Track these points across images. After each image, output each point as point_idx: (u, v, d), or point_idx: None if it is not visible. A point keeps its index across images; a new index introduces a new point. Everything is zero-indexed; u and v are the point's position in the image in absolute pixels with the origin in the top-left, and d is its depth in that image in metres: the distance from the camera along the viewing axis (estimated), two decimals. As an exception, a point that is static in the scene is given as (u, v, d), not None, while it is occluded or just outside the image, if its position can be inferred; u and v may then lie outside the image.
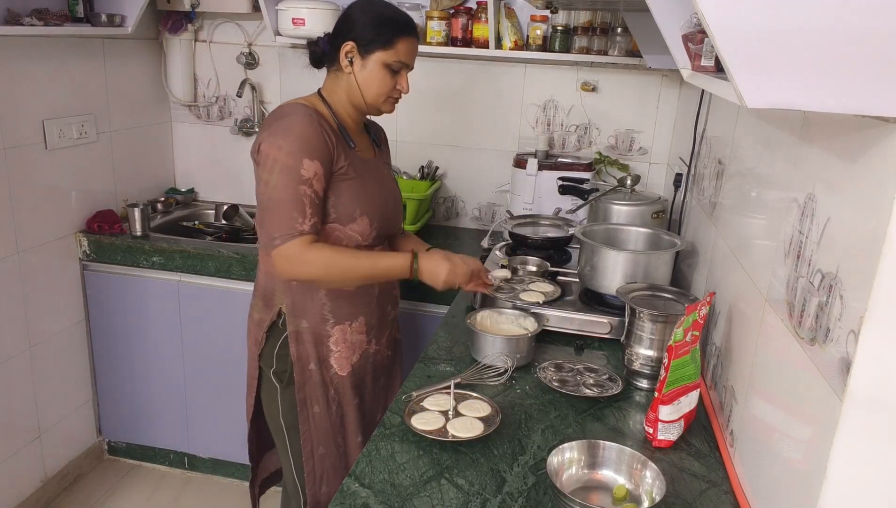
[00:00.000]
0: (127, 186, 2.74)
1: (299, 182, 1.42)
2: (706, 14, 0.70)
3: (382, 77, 1.52)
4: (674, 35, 1.29)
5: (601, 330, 1.71)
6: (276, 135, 1.44)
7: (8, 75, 2.16)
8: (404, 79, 1.56)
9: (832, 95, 0.70)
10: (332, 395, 1.63)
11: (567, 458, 1.15)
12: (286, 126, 1.45)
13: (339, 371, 1.62)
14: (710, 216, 1.68)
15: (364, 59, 1.52)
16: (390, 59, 1.51)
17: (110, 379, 2.66)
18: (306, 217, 1.43)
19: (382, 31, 1.50)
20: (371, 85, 1.53)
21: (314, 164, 1.44)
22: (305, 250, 1.43)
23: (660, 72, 2.50)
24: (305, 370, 1.60)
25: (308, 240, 1.44)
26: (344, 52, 1.52)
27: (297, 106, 1.50)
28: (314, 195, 1.45)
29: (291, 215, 1.42)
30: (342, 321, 1.61)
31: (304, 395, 1.61)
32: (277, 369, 1.63)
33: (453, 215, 2.87)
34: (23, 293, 2.31)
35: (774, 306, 1.07)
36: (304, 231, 1.43)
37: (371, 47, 1.50)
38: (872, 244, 0.75)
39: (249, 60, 2.82)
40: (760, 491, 1.06)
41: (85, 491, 2.60)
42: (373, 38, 1.50)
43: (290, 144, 1.43)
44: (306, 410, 1.62)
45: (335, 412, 1.64)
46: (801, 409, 0.92)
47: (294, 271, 1.46)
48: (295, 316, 1.58)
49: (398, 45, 1.51)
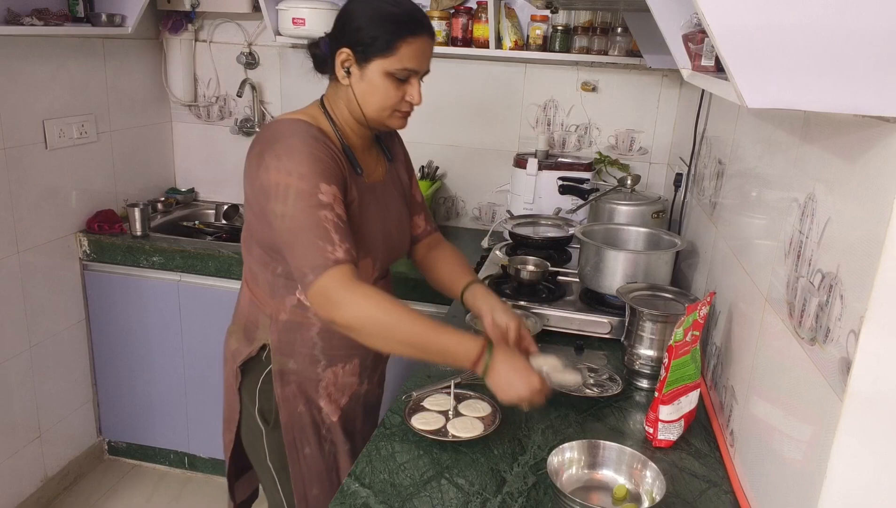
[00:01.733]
0: (127, 186, 2.74)
1: (318, 207, 1.18)
2: (706, 14, 0.70)
3: (385, 89, 1.27)
4: (674, 35, 1.29)
5: (601, 330, 1.71)
6: (282, 158, 1.21)
7: (8, 75, 2.16)
8: (415, 88, 1.29)
9: (832, 95, 0.70)
10: (324, 434, 1.45)
11: (567, 458, 1.15)
12: (291, 148, 1.22)
13: (330, 416, 1.45)
14: (711, 216, 1.68)
15: (362, 68, 1.26)
16: (393, 67, 1.25)
17: (110, 379, 2.66)
18: (335, 243, 1.18)
19: (380, 34, 1.23)
20: (372, 99, 1.28)
21: (332, 188, 1.21)
22: (349, 286, 1.16)
23: (660, 72, 2.50)
24: (293, 412, 1.41)
25: (348, 272, 1.17)
26: (339, 60, 1.27)
27: (296, 123, 1.27)
28: (338, 220, 1.20)
29: (317, 245, 1.17)
30: (334, 364, 1.41)
31: (293, 437, 1.42)
32: (262, 407, 1.44)
33: (453, 215, 2.87)
34: (23, 293, 2.31)
35: (774, 306, 1.07)
36: (339, 259, 1.17)
37: (369, 54, 1.25)
38: (872, 244, 0.75)
39: (249, 60, 2.82)
40: (760, 491, 1.06)
41: (85, 491, 2.61)
42: (370, 43, 1.24)
43: (300, 167, 1.20)
44: (296, 451, 1.43)
45: (328, 451, 1.46)
46: (801, 409, 0.92)
47: (336, 313, 1.17)
48: (281, 355, 1.39)
49: (401, 50, 1.24)
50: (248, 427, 1.48)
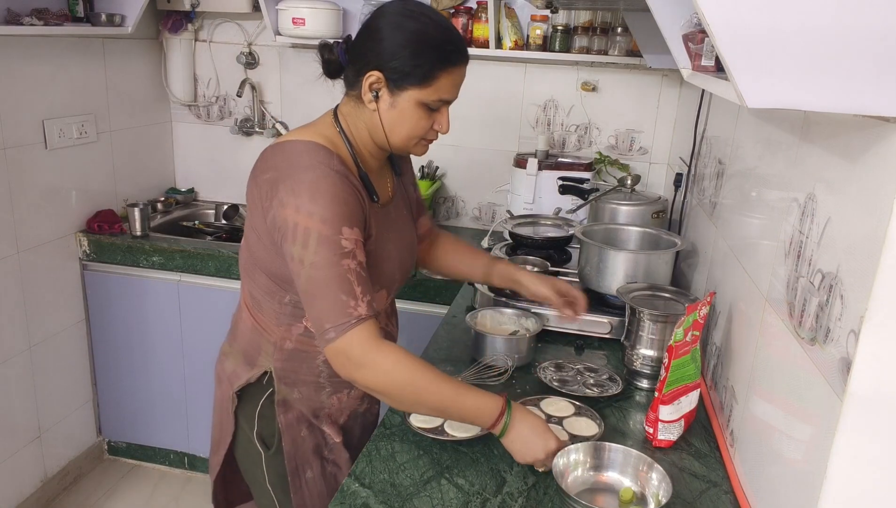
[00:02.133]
0: (127, 185, 2.74)
1: (342, 256, 1.12)
2: (706, 14, 0.70)
3: (417, 119, 1.20)
4: (674, 35, 1.29)
5: (601, 330, 1.71)
6: (301, 196, 1.12)
7: (8, 75, 2.16)
8: (444, 117, 1.23)
9: (832, 95, 0.70)
10: (326, 455, 1.41)
11: (573, 460, 1.15)
12: (313, 186, 1.12)
13: (335, 437, 1.40)
14: (711, 216, 1.68)
15: (393, 95, 1.18)
16: (429, 98, 1.18)
17: (110, 379, 2.66)
18: (359, 298, 1.12)
19: (421, 63, 1.15)
20: (401, 127, 1.21)
21: (354, 232, 1.14)
22: (374, 347, 1.12)
23: (660, 72, 2.50)
24: (296, 438, 1.37)
25: (372, 330, 1.13)
26: (367, 82, 1.18)
27: (315, 151, 1.17)
28: (360, 269, 1.14)
29: (340, 300, 1.11)
30: (340, 391, 1.38)
31: (296, 464, 1.37)
32: (262, 431, 1.37)
33: (453, 215, 2.87)
34: (23, 293, 2.31)
35: (775, 306, 1.07)
36: (363, 316, 1.12)
37: (404, 83, 1.16)
38: (872, 244, 0.75)
39: (249, 60, 2.82)
40: (760, 491, 1.06)
41: (85, 491, 2.61)
42: (408, 72, 1.15)
43: (322, 210, 1.11)
44: (299, 478, 1.38)
45: (330, 473, 1.42)
46: (802, 409, 0.92)
47: (358, 374, 1.13)
48: (285, 384, 1.34)
49: (440, 81, 1.16)
50: (245, 451, 1.41)
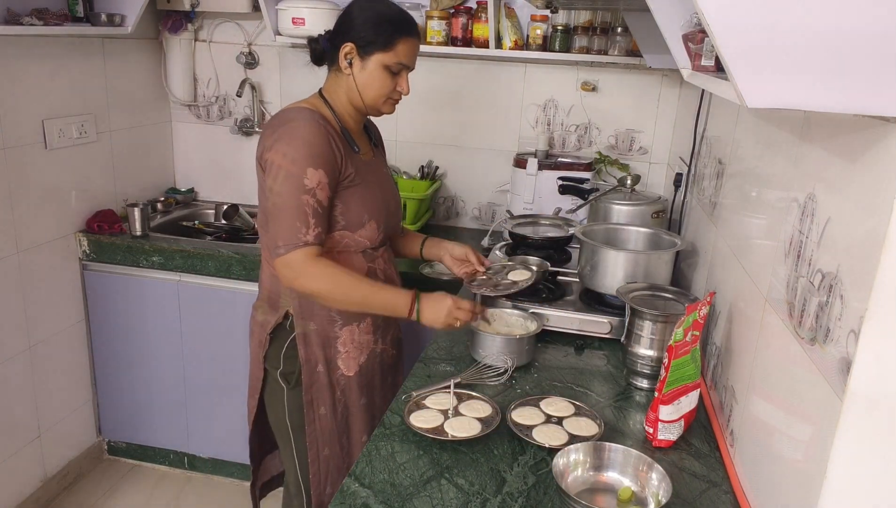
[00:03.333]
0: (127, 185, 2.74)
1: (302, 191, 1.41)
2: (706, 14, 0.70)
3: (382, 79, 1.51)
4: (674, 35, 1.29)
5: (601, 330, 1.71)
6: (282, 140, 1.43)
7: (8, 75, 2.16)
8: (404, 80, 1.55)
9: (832, 95, 0.70)
10: (338, 396, 1.62)
11: (573, 460, 1.15)
12: (291, 131, 1.43)
13: (346, 372, 1.61)
14: (711, 216, 1.68)
15: (363, 60, 1.50)
16: (390, 61, 1.49)
17: (110, 379, 2.65)
18: (310, 228, 1.42)
19: (382, 32, 1.48)
20: (371, 87, 1.51)
21: (318, 173, 1.42)
22: (309, 262, 1.43)
23: (660, 72, 2.50)
24: (314, 372, 1.59)
25: (312, 252, 1.43)
26: (343, 53, 1.50)
27: (301, 110, 1.49)
28: (317, 205, 1.43)
29: (294, 225, 1.41)
30: (350, 323, 1.60)
31: (311, 397, 1.60)
32: (285, 370, 1.61)
33: (453, 215, 2.87)
34: (23, 293, 2.31)
35: (774, 306, 1.07)
36: (308, 242, 1.42)
37: (370, 49, 1.48)
38: (872, 244, 0.75)
39: (249, 60, 2.82)
40: (760, 491, 1.06)
41: (85, 491, 2.60)
42: (372, 39, 1.48)
43: (294, 151, 1.41)
44: (313, 411, 1.60)
45: (340, 413, 1.63)
46: (801, 409, 0.92)
47: (296, 282, 1.45)
48: (303, 318, 1.57)
49: (398, 47, 1.49)
50: (271, 389, 1.64)
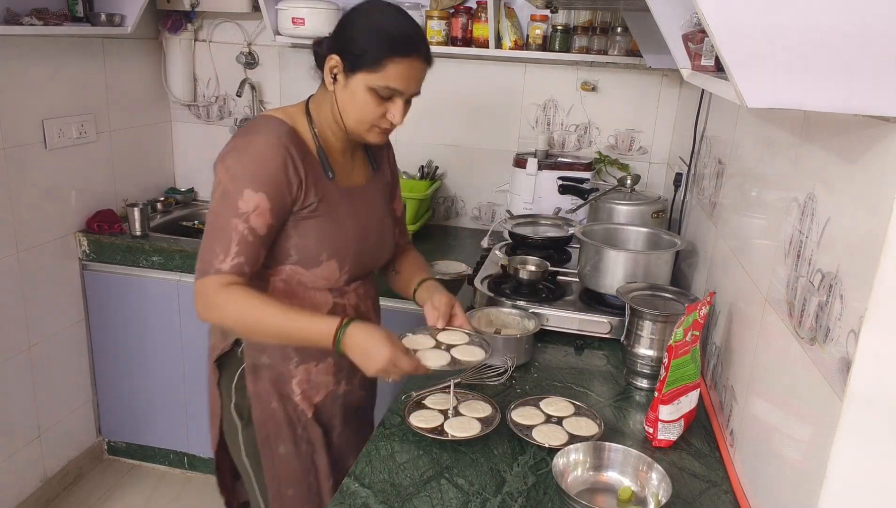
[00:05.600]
0: (127, 185, 2.74)
1: (233, 214, 1.23)
2: (706, 13, 0.70)
3: (365, 103, 1.27)
4: (674, 35, 1.29)
5: (601, 330, 1.71)
6: (232, 153, 1.27)
7: (8, 75, 2.16)
8: (397, 108, 1.29)
9: (832, 95, 0.70)
10: (300, 433, 1.43)
11: (573, 460, 1.15)
12: (244, 145, 1.27)
13: (306, 411, 1.43)
14: (710, 216, 1.68)
15: (347, 78, 1.27)
16: (376, 84, 1.25)
17: (110, 379, 2.65)
18: (228, 255, 1.23)
19: (372, 48, 1.24)
20: (351, 110, 1.29)
21: (258, 196, 1.23)
22: (217, 291, 1.24)
23: (660, 71, 2.50)
24: (266, 408, 1.41)
25: (224, 281, 1.24)
26: (328, 65, 1.28)
27: (270, 120, 1.30)
28: (248, 232, 1.24)
29: (213, 249, 1.24)
30: (307, 361, 1.41)
31: (267, 433, 1.41)
32: (237, 402, 1.44)
33: (453, 215, 2.87)
34: (23, 293, 2.31)
35: (774, 306, 1.07)
36: (221, 270, 1.23)
37: (356, 65, 1.25)
38: (872, 244, 0.75)
39: (249, 60, 2.82)
40: (760, 491, 1.06)
41: (85, 491, 2.60)
42: (360, 55, 1.24)
43: (238, 168, 1.25)
44: (270, 450, 1.42)
45: (305, 451, 1.44)
46: (801, 409, 0.92)
47: (204, 313, 1.27)
48: (254, 348, 1.39)
49: (388, 68, 1.24)
50: (228, 422, 1.48)
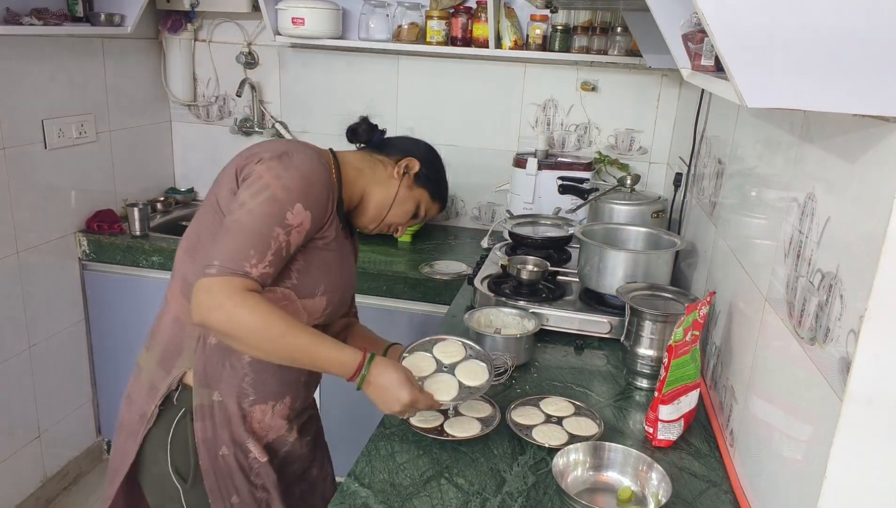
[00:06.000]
0: (126, 185, 2.74)
1: (279, 222, 1.15)
2: (706, 13, 0.70)
3: (409, 213, 1.44)
4: (674, 34, 1.29)
5: (601, 330, 1.71)
6: (279, 162, 1.20)
7: (8, 75, 2.16)
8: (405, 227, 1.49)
9: (832, 95, 0.70)
10: (254, 480, 1.31)
11: (573, 460, 1.15)
12: (293, 161, 1.21)
13: (260, 457, 1.31)
14: (710, 216, 1.68)
15: (413, 185, 1.43)
16: (423, 206, 1.46)
17: (110, 379, 2.65)
18: (262, 262, 1.13)
19: (436, 183, 1.48)
20: (401, 209, 1.42)
21: (305, 214, 1.18)
22: (239, 292, 1.11)
23: (660, 71, 2.50)
24: (215, 457, 1.27)
25: (248, 285, 1.12)
26: (405, 163, 1.41)
27: (314, 148, 1.30)
28: (285, 246, 1.17)
29: (246, 251, 1.12)
30: (264, 400, 1.30)
31: (217, 485, 1.28)
32: (177, 462, 1.28)
33: (453, 215, 2.87)
34: (23, 293, 2.31)
35: (774, 306, 1.07)
36: (249, 274, 1.12)
37: (424, 184, 1.44)
38: (872, 244, 0.75)
39: (249, 60, 2.82)
40: (760, 491, 1.06)
41: (84, 491, 2.60)
42: (432, 180, 1.46)
43: (290, 180, 1.18)
44: (221, 501, 1.28)
45: (261, 497, 1.33)
46: (801, 409, 0.92)
47: (215, 312, 1.10)
48: (206, 386, 1.26)
49: (434, 205, 1.49)
50: (160, 488, 1.31)
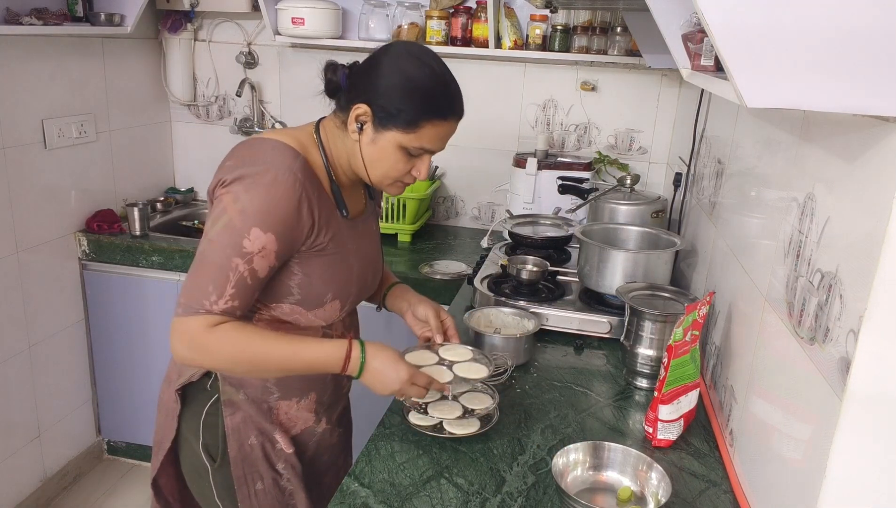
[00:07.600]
0: (126, 185, 2.74)
1: (236, 253, 1.10)
2: (706, 13, 0.70)
3: (395, 160, 1.18)
4: (673, 34, 1.29)
5: (601, 330, 1.71)
6: (243, 181, 1.12)
7: (8, 75, 2.16)
8: (424, 165, 1.22)
9: (832, 95, 0.70)
10: (280, 467, 1.33)
11: (572, 459, 1.15)
12: (257, 177, 1.12)
13: (286, 448, 1.33)
14: (710, 216, 1.68)
15: (377, 132, 1.16)
16: (409, 144, 1.16)
17: (110, 379, 2.65)
18: (222, 297, 1.10)
19: (408, 108, 1.14)
20: (378, 165, 1.20)
21: (266, 236, 1.11)
22: (206, 333, 1.10)
23: (659, 71, 2.50)
24: (243, 445, 1.30)
25: (211, 322, 1.11)
26: (354, 113, 1.16)
27: (283, 152, 1.15)
28: (248, 275, 1.11)
29: (205, 288, 1.10)
30: (288, 396, 1.32)
31: (243, 472, 1.30)
32: (207, 442, 1.31)
33: (453, 215, 2.87)
34: (22, 293, 2.31)
35: (774, 306, 1.07)
36: (212, 311, 1.10)
37: (389, 123, 1.15)
38: (872, 244, 0.75)
39: (249, 60, 2.82)
40: (760, 491, 1.06)
41: (84, 491, 2.60)
42: (394, 114, 1.14)
43: (248, 201, 1.10)
44: (246, 487, 1.31)
45: (285, 486, 1.34)
46: (801, 409, 0.92)
47: (186, 354, 1.13)
48: (231, 384, 1.28)
49: (424, 130, 1.15)
50: (192, 464, 1.35)
